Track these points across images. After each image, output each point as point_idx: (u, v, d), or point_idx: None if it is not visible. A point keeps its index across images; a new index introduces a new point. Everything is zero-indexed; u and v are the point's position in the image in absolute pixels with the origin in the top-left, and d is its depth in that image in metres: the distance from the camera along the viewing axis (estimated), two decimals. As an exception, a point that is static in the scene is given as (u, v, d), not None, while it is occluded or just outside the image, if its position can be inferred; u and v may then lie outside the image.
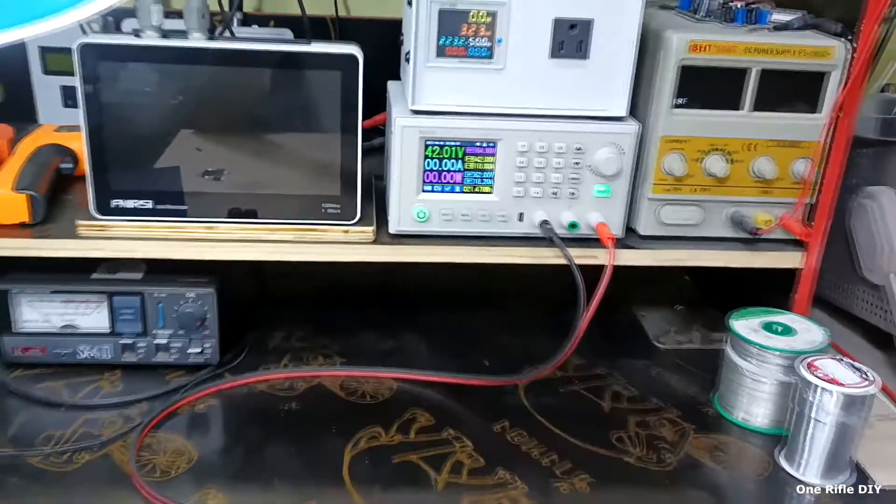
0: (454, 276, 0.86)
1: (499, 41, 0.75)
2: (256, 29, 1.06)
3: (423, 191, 0.78)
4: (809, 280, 0.83)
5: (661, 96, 0.77)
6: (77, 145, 0.86)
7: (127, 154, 0.74)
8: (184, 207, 0.77)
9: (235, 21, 1.03)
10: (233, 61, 0.73)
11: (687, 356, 0.90)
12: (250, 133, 0.76)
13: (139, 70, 0.72)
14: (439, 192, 0.79)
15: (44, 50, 1.00)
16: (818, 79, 0.78)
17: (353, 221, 0.79)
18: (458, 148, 0.77)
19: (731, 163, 0.79)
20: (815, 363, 0.72)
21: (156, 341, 0.81)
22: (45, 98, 1.01)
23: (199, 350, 0.82)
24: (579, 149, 0.77)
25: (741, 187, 0.81)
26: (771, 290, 0.85)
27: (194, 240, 0.77)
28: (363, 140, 0.76)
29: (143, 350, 0.81)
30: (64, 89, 1.01)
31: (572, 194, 0.79)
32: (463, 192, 0.79)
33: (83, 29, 0.74)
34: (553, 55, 0.76)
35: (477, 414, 0.78)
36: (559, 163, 0.78)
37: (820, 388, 0.70)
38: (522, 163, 0.78)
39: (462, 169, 0.78)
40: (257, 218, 0.78)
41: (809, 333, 0.78)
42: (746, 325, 0.79)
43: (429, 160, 0.77)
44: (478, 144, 0.77)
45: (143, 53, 0.72)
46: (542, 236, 0.79)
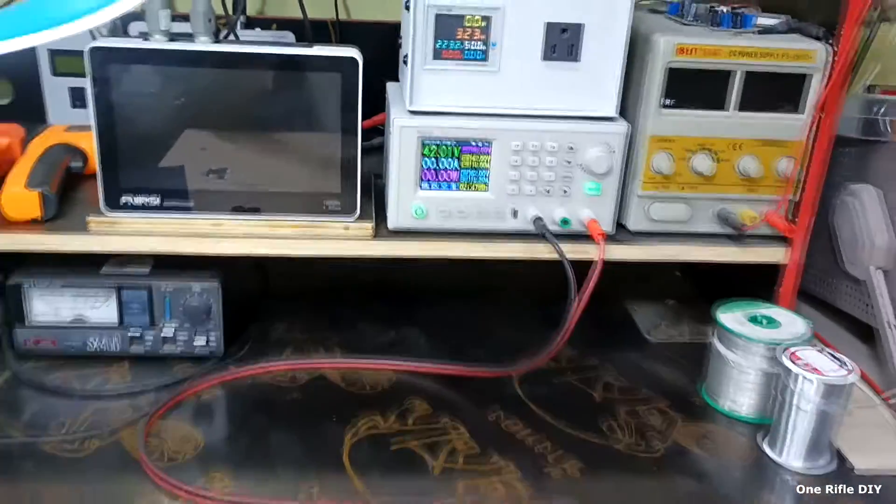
0: (452, 272, 0.89)
1: (493, 45, 0.78)
2: (259, 32, 1.09)
3: (421, 188, 0.81)
4: (793, 274, 0.86)
5: (650, 97, 0.80)
6: (86, 144, 0.89)
7: (135, 152, 0.77)
8: (190, 204, 0.79)
9: (239, 24, 1.06)
10: (237, 64, 0.76)
11: (677, 349, 0.93)
12: (254, 132, 0.79)
13: (147, 72, 0.75)
14: (436, 190, 0.81)
15: (53, 52, 1.02)
16: (801, 80, 0.81)
17: (353, 217, 0.82)
18: (455, 147, 0.80)
19: (718, 161, 0.82)
20: (798, 353, 0.75)
21: (163, 333, 0.84)
22: (55, 99, 1.04)
23: (205, 342, 0.85)
24: (571, 148, 0.80)
25: (727, 185, 0.84)
26: (758, 285, 0.88)
27: (200, 235, 0.80)
28: (363, 139, 0.79)
29: (151, 342, 0.84)
30: (72, 90, 1.04)
31: (564, 192, 0.82)
32: (459, 190, 0.82)
33: (92, 33, 0.77)
34: (545, 58, 0.78)
35: (473, 403, 0.81)
36: (551, 161, 0.81)
37: (801, 377, 0.72)
38: (516, 161, 0.81)
39: (458, 167, 0.81)
40: (260, 214, 0.81)
41: (793, 325, 0.81)
42: (732, 318, 0.81)
43: (426, 159, 0.80)
44: (473, 144, 0.80)
45: (152, 56, 0.75)
46: (536, 232, 0.82)
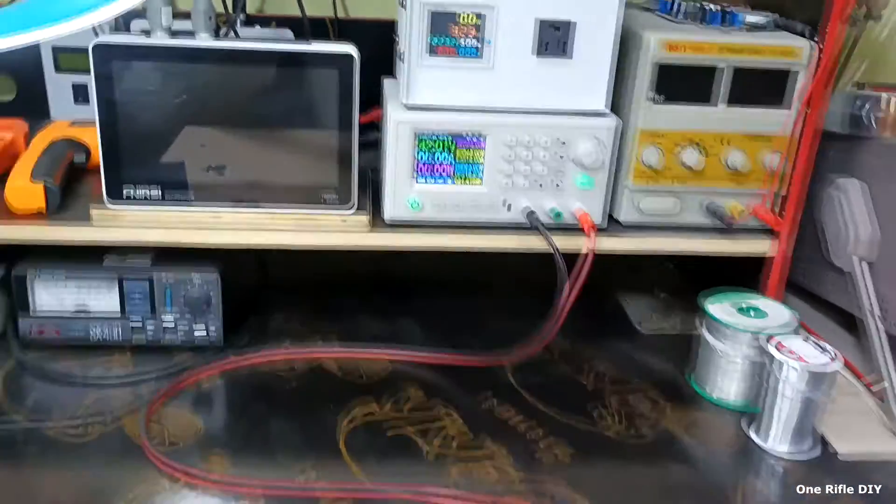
0: (447, 264, 0.91)
1: (487, 42, 0.80)
2: (259, 30, 1.11)
3: (417, 181, 0.83)
4: (780, 266, 0.88)
5: (640, 93, 0.82)
6: (89, 139, 0.91)
7: (137, 146, 0.79)
8: (191, 196, 0.81)
9: (239, 22, 1.08)
10: (237, 60, 0.78)
11: (667, 340, 0.94)
12: (253, 127, 0.81)
13: (149, 68, 0.77)
14: (431, 183, 0.83)
15: (56, 49, 1.04)
16: (787, 76, 0.83)
17: (350, 210, 0.83)
18: (449, 141, 0.82)
19: (706, 155, 0.84)
20: (784, 342, 0.77)
21: (164, 323, 0.86)
22: (58, 95, 1.06)
23: (205, 332, 0.87)
24: (563, 142, 0.82)
25: (716, 179, 0.85)
26: (746, 276, 0.90)
27: (200, 227, 0.82)
28: (361, 135, 0.81)
29: (152, 331, 0.86)
30: (75, 87, 1.06)
31: (556, 185, 0.84)
32: (454, 184, 0.84)
33: (95, 31, 0.79)
34: (538, 55, 0.81)
35: (467, 391, 0.83)
36: (544, 155, 0.83)
37: (786, 365, 0.74)
38: (509, 156, 0.82)
39: (453, 161, 0.83)
40: (259, 206, 0.83)
41: (780, 316, 0.83)
42: (721, 308, 0.83)
43: (421, 153, 0.82)
44: (467, 138, 0.82)
45: (153, 52, 0.76)
46: (529, 225, 0.84)
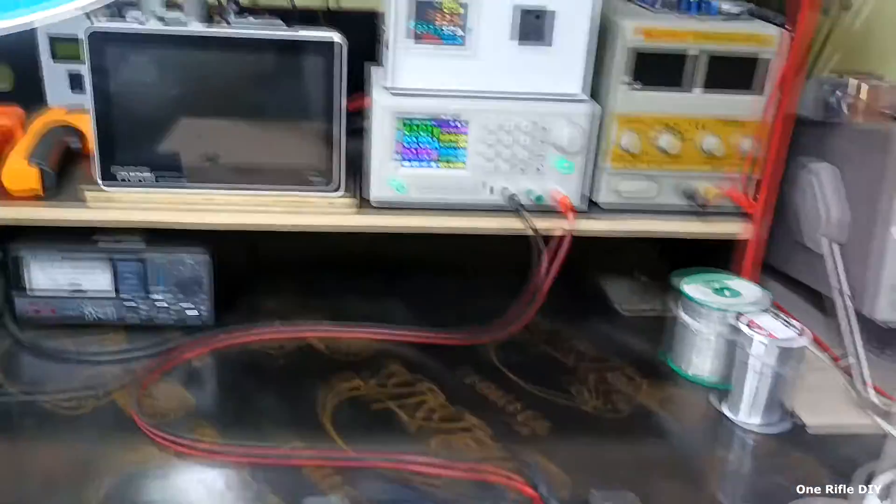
0: (432, 246, 0.93)
1: (470, 30, 0.82)
2: (250, 20, 1.13)
3: (402, 165, 0.86)
4: (754, 248, 0.90)
5: (618, 79, 0.85)
6: (85, 126, 0.93)
7: (130, 129, 0.82)
8: (182, 178, 0.84)
9: (232, 14, 1.11)
10: (228, 46, 0.81)
11: (646, 320, 0.97)
12: (244, 111, 0.84)
13: (142, 54, 0.80)
14: (416, 167, 0.86)
15: (53, 39, 1.07)
16: (760, 63, 0.85)
17: (339, 192, 0.86)
18: (433, 126, 0.85)
19: (682, 140, 0.87)
20: (755, 320, 0.79)
21: (156, 303, 0.88)
22: (54, 84, 1.08)
23: (196, 312, 0.89)
24: (543, 128, 0.85)
25: (692, 163, 0.88)
26: (723, 258, 0.93)
27: (191, 208, 0.84)
28: (352, 121, 0.84)
29: (145, 311, 0.89)
30: (72, 76, 1.08)
31: (537, 169, 0.86)
32: (438, 167, 0.86)
33: (89, 17, 0.81)
34: (520, 42, 0.83)
35: (450, 369, 0.85)
36: (525, 140, 0.85)
37: (757, 342, 0.77)
38: (492, 140, 0.85)
39: (437, 146, 0.85)
40: (249, 188, 0.85)
41: (753, 295, 0.86)
42: (696, 288, 0.86)
43: (406, 137, 0.85)
44: (451, 123, 0.85)
45: (146, 39, 0.79)
46: (510, 208, 0.86)
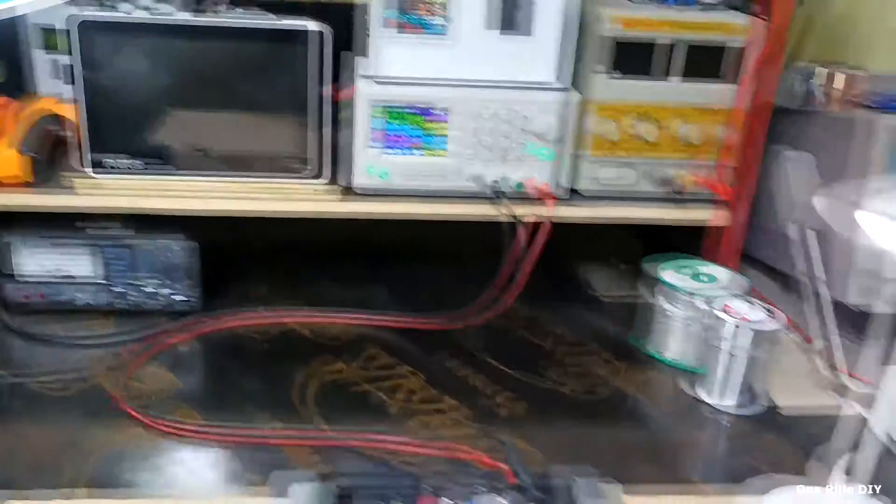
0: (415, 233, 0.95)
1: (452, 20, 0.84)
2: (239, 11, 1.14)
3: (385, 152, 0.87)
4: (731, 234, 0.92)
5: (598, 68, 0.86)
6: (74, 115, 0.95)
7: (117, 118, 0.84)
8: (168, 166, 0.86)
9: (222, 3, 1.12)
10: (214, 35, 0.82)
11: (624, 306, 0.98)
12: (229, 100, 0.85)
13: (128, 42, 0.82)
14: (399, 154, 0.87)
15: (44, 30, 1.08)
16: (736, 52, 0.87)
17: (324, 179, 0.88)
18: (416, 114, 0.86)
19: (660, 128, 0.88)
20: (730, 304, 0.81)
21: (144, 289, 0.90)
22: (45, 75, 1.10)
23: (184, 297, 0.91)
24: (524, 116, 0.86)
25: (670, 150, 0.90)
26: (701, 245, 0.94)
27: (177, 195, 0.86)
28: (339, 110, 0.85)
29: (133, 297, 0.90)
30: (61, 67, 1.09)
31: (518, 157, 0.88)
32: (421, 155, 0.88)
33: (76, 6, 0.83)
34: (501, 31, 0.85)
35: (430, 353, 0.87)
36: (505, 128, 0.87)
37: (732, 326, 0.79)
38: (473, 128, 0.86)
39: (419, 134, 0.87)
40: (236, 175, 0.87)
41: (730, 281, 0.87)
42: (675, 275, 0.87)
43: (389, 125, 0.86)
44: (433, 111, 0.86)
45: (132, 27, 0.81)
46: (492, 195, 0.88)
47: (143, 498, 0.64)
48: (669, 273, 0.87)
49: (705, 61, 0.86)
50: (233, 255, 1.03)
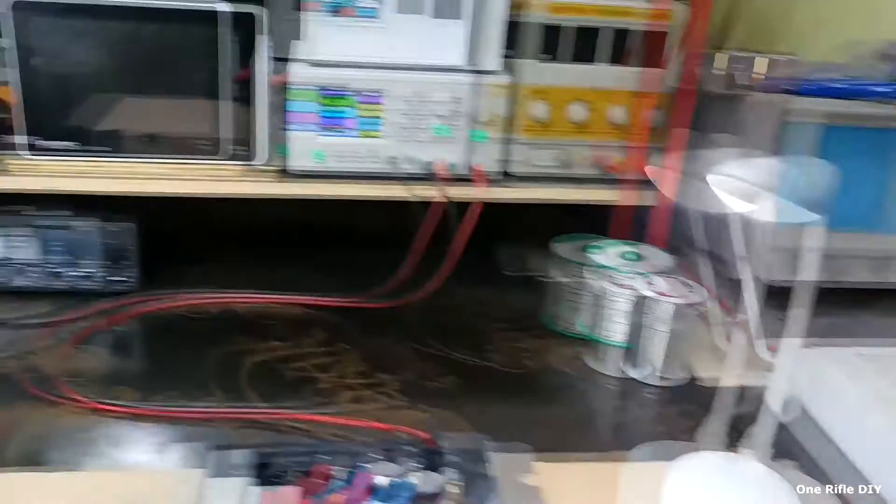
0: (350, 215, 0.96)
1: (384, 3, 0.85)
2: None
3: (321, 135, 0.88)
4: (659, 214, 0.94)
5: (529, 51, 0.89)
6: (10, 97, 0.95)
7: (51, 99, 0.84)
8: (104, 148, 0.86)
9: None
10: (142, 17, 0.83)
11: (561, 286, 1.01)
12: (163, 81, 0.86)
13: (62, 25, 0.82)
14: (335, 137, 0.89)
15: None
16: (663, 37, 0.89)
17: (260, 161, 0.89)
18: (350, 97, 0.88)
19: (591, 111, 0.91)
20: (654, 281, 0.84)
21: (83, 271, 0.91)
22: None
23: (121, 278, 0.92)
24: (456, 98, 0.88)
25: (600, 133, 0.92)
26: (630, 224, 0.97)
27: (115, 177, 0.87)
28: (277, 95, 0.87)
29: (72, 278, 0.91)
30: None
31: (451, 139, 0.90)
32: (356, 137, 0.89)
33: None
34: (434, 16, 0.86)
35: (365, 332, 0.88)
36: (439, 111, 0.88)
37: (656, 301, 0.81)
38: (406, 110, 0.88)
39: (355, 116, 0.88)
40: (173, 157, 0.88)
41: (657, 259, 0.90)
42: (604, 254, 0.90)
43: (324, 108, 0.88)
44: (367, 94, 0.88)
45: (66, 10, 0.82)
46: (426, 176, 0.90)
47: (60, 472, 0.64)
48: (598, 252, 0.90)
49: (633, 46, 0.89)
50: (172, 237, 1.04)
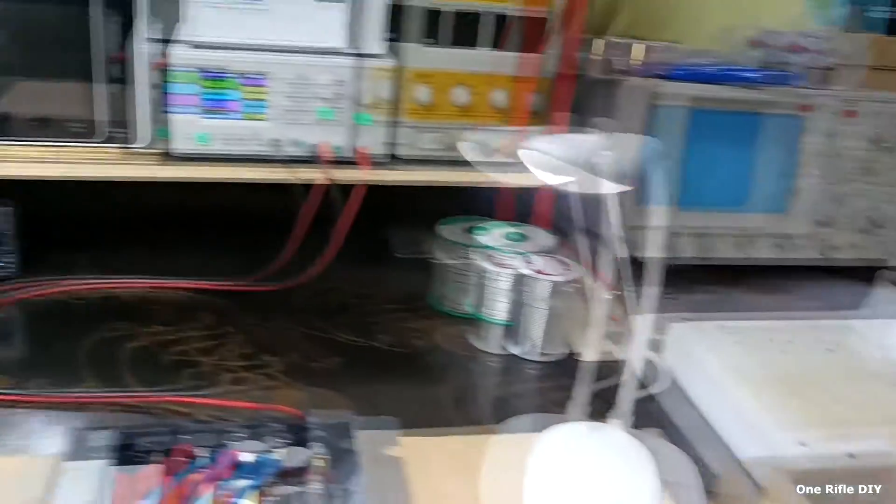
0: (235, 198, 0.96)
1: (266, -16, 0.85)
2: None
3: (204, 117, 0.88)
4: (542, 196, 0.97)
5: (413, 36, 0.90)
6: None
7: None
8: (-20, 130, 0.84)
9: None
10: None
11: (448, 267, 1.03)
12: (42, 63, 0.84)
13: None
14: (219, 119, 0.88)
15: None
16: (542, 22, 0.92)
17: (141, 144, 0.88)
18: (233, 79, 0.87)
19: (473, 94, 0.93)
20: (533, 260, 0.86)
21: (-42, 257, 0.89)
22: None
23: (2, 264, 0.90)
24: (340, 81, 0.89)
25: (483, 116, 0.94)
26: (515, 206, 0.99)
27: (-9, 159, 0.85)
28: (160, 77, 0.86)
29: (-54, 265, 0.89)
30: None
31: (336, 121, 0.90)
32: (240, 119, 0.89)
33: None
34: (315, -1, 0.87)
35: (250, 314, 0.88)
36: (323, 93, 0.89)
37: (534, 280, 0.84)
38: (290, 93, 0.88)
39: (238, 98, 0.88)
40: (50, 140, 0.86)
41: (540, 239, 0.93)
42: (489, 236, 0.92)
43: (207, 90, 0.87)
44: (251, 76, 0.88)
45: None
46: (311, 158, 0.90)
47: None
48: (483, 234, 0.92)
49: (516, 31, 0.91)
50: (55, 223, 1.02)
